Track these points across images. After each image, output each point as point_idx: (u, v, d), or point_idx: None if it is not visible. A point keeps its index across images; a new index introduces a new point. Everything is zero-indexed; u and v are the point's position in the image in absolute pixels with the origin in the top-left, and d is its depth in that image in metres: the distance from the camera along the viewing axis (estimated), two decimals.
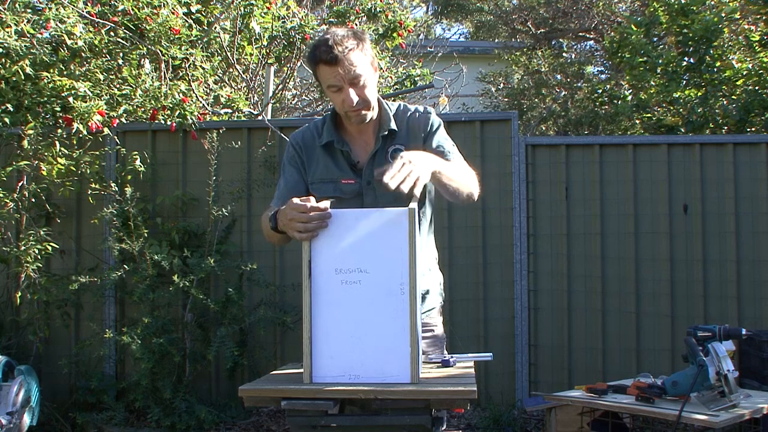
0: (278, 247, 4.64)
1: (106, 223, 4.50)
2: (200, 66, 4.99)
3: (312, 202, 1.80)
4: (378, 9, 5.45)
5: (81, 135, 4.17)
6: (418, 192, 1.79)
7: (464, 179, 2.05)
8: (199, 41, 4.79)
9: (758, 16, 6.99)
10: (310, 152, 2.18)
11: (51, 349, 4.59)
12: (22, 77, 4.14)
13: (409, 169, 1.74)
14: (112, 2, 4.57)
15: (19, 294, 4.38)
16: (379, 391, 1.70)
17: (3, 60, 4.18)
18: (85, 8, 4.48)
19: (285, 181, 2.20)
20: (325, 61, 1.99)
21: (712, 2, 6.92)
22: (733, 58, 6.41)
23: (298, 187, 2.17)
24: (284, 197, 2.11)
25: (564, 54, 11.45)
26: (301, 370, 1.80)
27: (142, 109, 4.67)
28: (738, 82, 6.20)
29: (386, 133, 2.14)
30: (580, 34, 11.36)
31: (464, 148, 2.27)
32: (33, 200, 4.41)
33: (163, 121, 4.49)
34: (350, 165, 2.16)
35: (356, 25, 5.50)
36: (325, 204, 1.81)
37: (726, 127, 6.03)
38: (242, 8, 4.97)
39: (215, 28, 5.01)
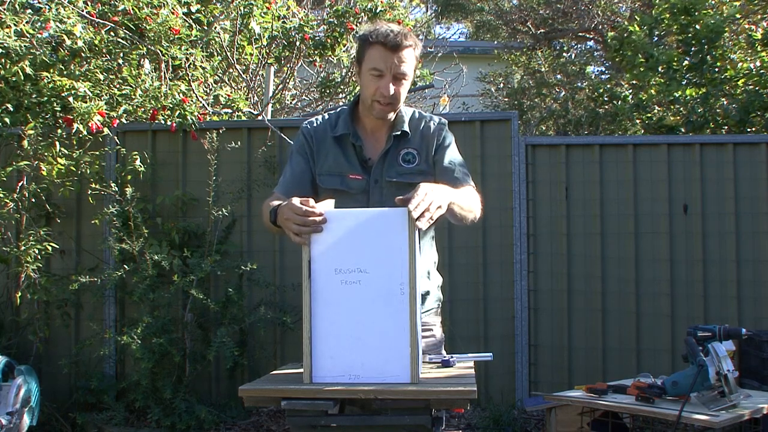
0: (278, 246, 4.65)
1: (106, 223, 4.50)
2: (200, 66, 4.99)
3: (311, 202, 1.80)
4: (380, 9, 5.44)
5: (81, 135, 4.17)
6: (430, 224, 1.81)
7: (471, 206, 2.08)
8: (199, 41, 4.79)
9: (759, 16, 6.99)
10: (320, 143, 2.18)
11: (51, 349, 4.59)
12: (22, 77, 4.14)
13: (430, 201, 1.76)
14: (113, 2, 4.57)
15: (19, 294, 4.38)
16: (379, 391, 1.70)
17: (3, 60, 4.18)
18: (85, 8, 4.47)
19: (291, 170, 2.18)
20: (385, 44, 2.01)
21: (713, 2, 6.92)
22: (734, 58, 6.41)
23: (304, 177, 2.16)
24: (288, 185, 2.13)
25: (564, 54, 11.44)
26: (301, 370, 1.79)
27: (142, 109, 4.67)
28: (739, 82, 6.20)
29: (398, 133, 2.15)
30: (580, 34, 11.35)
31: (464, 148, 2.28)
32: (33, 200, 4.41)
33: (163, 121, 4.49)
34: (361, 161, 2.16)
35: (356, 25, 5.49)
36: (323, 207, 1.81)
37: (726, 127, 6.03)
38: (242, 8, 4.97)
39: (215, 28, 5.01)
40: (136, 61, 4.84)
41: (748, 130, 5.81)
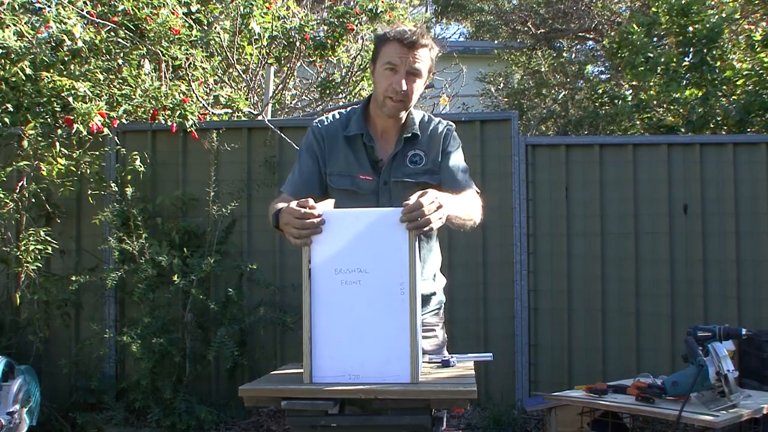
0: (278, 246, 4.65)
1: (106, 223, 4.50)
2: (200, 66, 4.99)
3: (310, 202, 1.80)
4: (380, 9, 5.44)
5: (81, 135, 4.17)
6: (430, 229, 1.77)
7: (470, 212, 2.06)
8: (199, 41, 4.79)
9: (759, 16, 6.98)
10: (332, 143, 2.17)
11: (51, 349, 4.59)
12: (22, 77, 4.13)
13: (425, 210, 1.72)
14: (113, 2, 4.57)
15: (19, 294, 4.37)
16: (379, 391, 1.70)
17: (3, 60, 4.18)
18: (85, 8, 4.47)
19: (300, 170, 2.18)
20: (401, 40, 2.03)
21: (713, 2, 6.91)
22: (733, 58, 6.40)
23: (312, 178, 2.16)
24: (297, 185, 2.14)
25: (564, 54, 11.43)
26: (301, 370, 1.79)
27: (142, 109, 4.67)
28: (738, 83, 6.20)
29: (409, 135, 2.16)
30: (580, 34, 11.34)
31: (464, 148, 2.28)
32: (33, 200, 4.41)
33: (163, 122, 4.49)
34: (371, 161, 2.16)
35: (356, 25, 5.50)
36: (323, 207, 1.80)
37: (726, 127, 6.03)
38: (242, 8, 4.97)
39: (215, 28, 5.01)
40: (136, 61, 4.84)
41: (748, 130, 5.81)
